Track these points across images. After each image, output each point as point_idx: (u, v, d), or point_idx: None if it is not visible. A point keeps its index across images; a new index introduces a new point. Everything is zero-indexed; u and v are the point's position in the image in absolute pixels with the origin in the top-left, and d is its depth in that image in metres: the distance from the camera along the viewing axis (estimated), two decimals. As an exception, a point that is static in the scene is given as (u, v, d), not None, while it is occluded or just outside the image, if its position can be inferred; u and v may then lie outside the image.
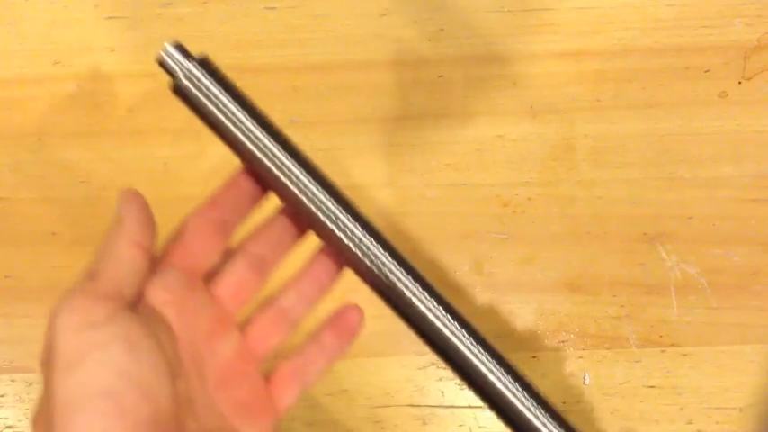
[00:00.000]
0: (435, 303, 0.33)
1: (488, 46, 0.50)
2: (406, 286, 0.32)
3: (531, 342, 0.47)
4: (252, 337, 0.33)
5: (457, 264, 0.48)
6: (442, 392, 0.46)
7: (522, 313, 0.47)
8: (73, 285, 0.27)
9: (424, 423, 0.46)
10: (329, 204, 0.32)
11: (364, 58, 0.49)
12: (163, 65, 0.31)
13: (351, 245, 0.32)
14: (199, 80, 0.31)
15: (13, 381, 0.47)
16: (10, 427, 0.46)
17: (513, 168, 0.49)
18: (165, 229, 0.48)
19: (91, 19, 0.50)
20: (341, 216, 0.32)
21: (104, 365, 0.25)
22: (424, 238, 0.48)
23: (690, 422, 0.46)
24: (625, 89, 0.49)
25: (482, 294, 0.48)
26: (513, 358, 0.47)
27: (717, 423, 0.46)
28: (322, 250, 0.35)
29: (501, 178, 0.49)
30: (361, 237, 0.32)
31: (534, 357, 0.47)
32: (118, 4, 0.50)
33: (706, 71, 0.49)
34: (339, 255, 0.33)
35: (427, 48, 0.50)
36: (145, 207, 0.30)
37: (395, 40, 0.50)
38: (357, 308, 0.35)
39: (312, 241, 0.35)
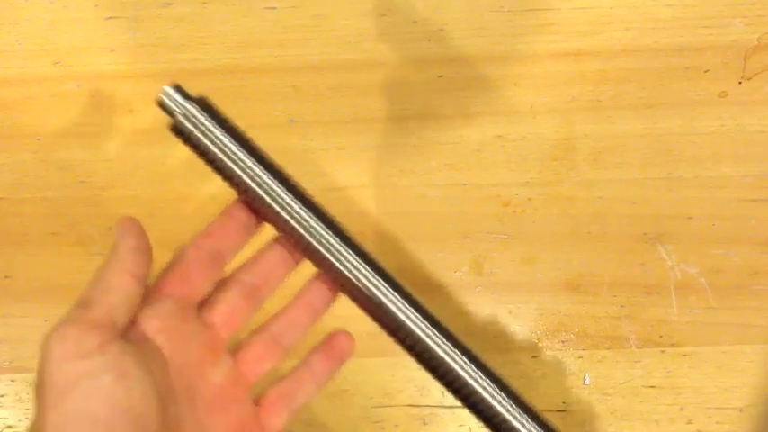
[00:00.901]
0: (422, 319, 0.34)
1: (488, 46, 0.50)
2: (394, 303, 0.34)
3: (531, 342, 0.47)
4: (244, 363, 0.34)
5: (457, 264, 0.48)
6: (442, 392, 0.46)
7: (522, 313, 0.47)
8: (65, 314, 0.27)
9: (424, 423, 0.46)
10: (324, 234, 0.33)
11: (364, 58, 0.49)
12: (162, 106, 0.33)
13: (345, 270, 0.34)
14: (196, 119, 0.32)
15: (13, 381, 0.47)
16: (10, 426, 0.46)
17: (513, 168, 0.49)
18: (164, 229, 0.48)
19: (91, 19, 0.50)
20: (335, 244, 0.33)
21: (94, 394, 0.25)
22: (424, 238, 0.48)
23: (690, 422, 0.46)
24: (625, 89, 0.49)
25: (482, 294, 0.48)
26: (513, 358, 0.47)
27: (717, 423, 0.46)
28: (316, 277, 0.36)
29: (501, 178, 0.49)
30: (355, 263, 0.34)
31: (534, 357, 0.47)
32: (118, 4, 0.50)
33: (706, 71, 0.49)
34: (334, 281, 0.34)
35: (427, 48, 0.50)
36: (140, 235, 0.31)
37: (395, 40, 0.50)
38: (347, 334, 0.36)
39: (304, 268, 0.36)
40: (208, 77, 0.50)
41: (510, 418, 0.34)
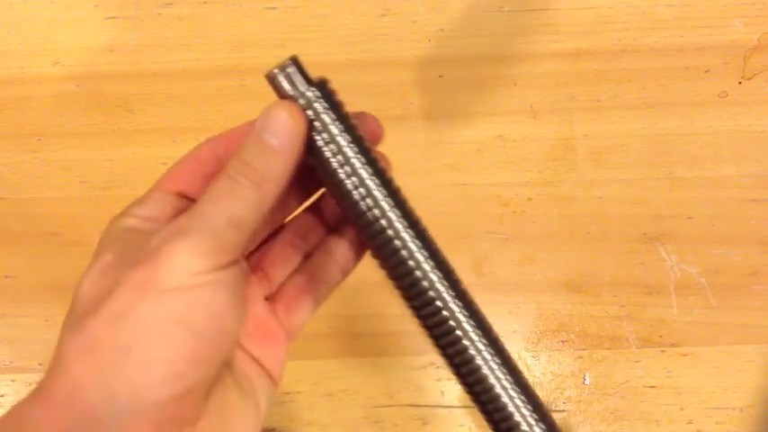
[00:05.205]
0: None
1: (488, 46, 0.50)
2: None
3: (531, 342, 0.47)
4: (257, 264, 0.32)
5: (457, 264, 0.48)
6: (442, 392, 0.46)
7: (522, 313, 0.47)
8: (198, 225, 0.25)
9: (424, 423, 0.46)
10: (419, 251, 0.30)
11: (364, 58, 0.49)
12: (274, 84, 0.27)
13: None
14: (315, 111, 0.27)
15: (13, 381, 0.47)
16: (10, 427, 0.46)
17: (513, 168, 0.49)
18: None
19: (91, 19, 0.50)
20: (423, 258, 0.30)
21: (203, 304, 0.24)
22: (424, 238, 0.48)
23: (690, 422, 0.46)
24: (625, 89, 0.49)
25: (482, 294, 0.47)
26: (514, 359, 0.47)
27: (717, 423, 0.46)
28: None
29: (501, 178, 0.49)
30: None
31: (534, 357, 0.47)
32: (118, 4, 0.50)
33: (706, 71, 0.49)
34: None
35: (427, 48, 0.50)
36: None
37: (395, 40, 0.50)
38: None
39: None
40: (208, 77, 0.50)
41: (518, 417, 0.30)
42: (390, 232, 0.29)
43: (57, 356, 0.24)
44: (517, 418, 0.30)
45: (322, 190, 0.32)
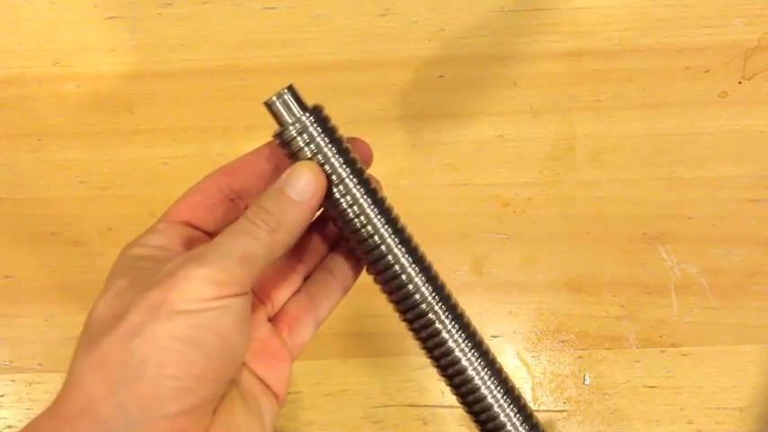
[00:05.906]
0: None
1: (488, 46, 0.50)
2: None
3: (531, 342, 0.47)
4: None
5: (457, 264, 0.48)
6: (442, 392, 0.46)
7: (522, 313, 0.47)
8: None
9: (424, 423, 0.46)
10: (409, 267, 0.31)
11: (364, 58, 0.49)
12: (272, 110, 0.29)
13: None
14: (308, 134, 0.29)
15: (13, 381, 0.47)
16: (10, 427, 0.46)
17: (513, 168, 0.49)
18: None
19: (91, 19, 0.50)
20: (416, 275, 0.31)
21: (210, 326, 0.26)
22: (424, 238, 0.48)
23: (690, 422, 0.46)
24: (625, 89, 0.49)
25: (482, 294, 0.48)
26: (514, 358, 0.47)
27: (717, 423, 0.46)
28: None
29: (501, 178, 0.49)
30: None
31: (534, 357, 0.47)
32: (118, 4, 0.50)
33: (706, 71, 0.49)
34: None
35: (427, 48, 0.50)
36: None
37: (395, 40, 0.50)
38: None
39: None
40: (208, 77, 0.50)
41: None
42: (383, 248, 0.30)
43: (70, 373, 0.26)
44: (502, 418, 0.31)
45: (320, 211, 0.33)
